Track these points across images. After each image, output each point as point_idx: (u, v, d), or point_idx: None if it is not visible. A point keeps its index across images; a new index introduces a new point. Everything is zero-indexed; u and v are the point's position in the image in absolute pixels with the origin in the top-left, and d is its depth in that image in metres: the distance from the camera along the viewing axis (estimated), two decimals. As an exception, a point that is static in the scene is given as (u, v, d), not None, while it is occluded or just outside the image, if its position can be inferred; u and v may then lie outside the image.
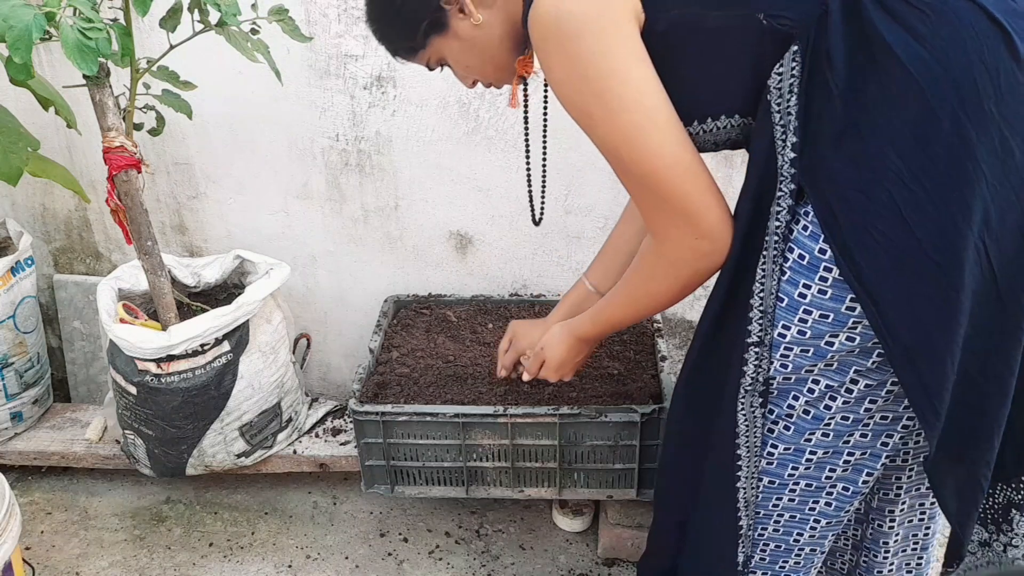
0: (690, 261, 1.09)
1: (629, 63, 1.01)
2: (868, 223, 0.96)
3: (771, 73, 1.00)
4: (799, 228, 1.02)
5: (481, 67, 1.20)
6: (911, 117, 0.93)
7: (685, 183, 1.03)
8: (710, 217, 1.05)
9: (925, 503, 1.28)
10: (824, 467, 1.14)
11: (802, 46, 0.97)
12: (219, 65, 1.75)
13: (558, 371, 1.47)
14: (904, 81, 0.92)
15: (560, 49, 1.01)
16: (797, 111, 0.99)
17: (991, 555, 1.24)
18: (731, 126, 1.07)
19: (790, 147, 1.00)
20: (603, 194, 1.98)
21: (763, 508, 1.20)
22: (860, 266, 0.97)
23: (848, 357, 1.04)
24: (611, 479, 1.73)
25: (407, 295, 2.12)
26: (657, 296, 1.17)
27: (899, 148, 0.93)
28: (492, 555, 1.90)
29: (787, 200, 1.01)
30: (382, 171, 2.02)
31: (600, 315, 1.32)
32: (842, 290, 1.00)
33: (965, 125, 0.91)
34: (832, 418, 1.09)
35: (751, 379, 1.10)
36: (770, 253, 1.04)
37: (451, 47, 1.16)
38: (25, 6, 1.21)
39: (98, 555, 1.91)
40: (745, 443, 1.15)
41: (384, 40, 1.21)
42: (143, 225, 1.64)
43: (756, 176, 1.05)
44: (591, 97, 1.02)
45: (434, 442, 1.70)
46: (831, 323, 1.02)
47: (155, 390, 1.75)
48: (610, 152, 1.07)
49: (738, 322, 1.10)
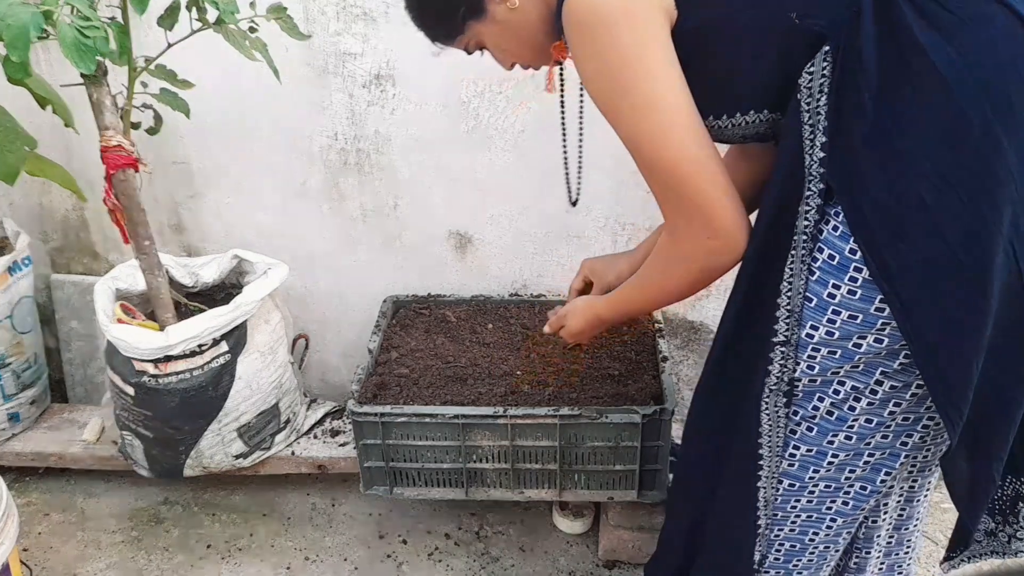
0: (701, 258, 1.10)
1: (657, 62, 1.02)
2: (898, 225, 0.96)
3: (802, 72, 1.01)
4: (829, 228, 1.02)
5: (519, 50, 1.22)
6: (941, 120, 0.93)
7: (702, 182, 1.05)
8: (724, 216, 1.06)
9: (904, 486, 1.29)
10: (845, 468, 1.14)
11: (834, 46, 0.98)
12: (217, 64, 1.74)
13: (574, 338, 1.49)
14: (935, 84, 0.93)
15: (591, 43, 1.03)
16: (827, 111, 0.99)
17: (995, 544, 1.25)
18: (759, 121, 1.09)
19: (819, 147, 1.00)
20: (603, 194, 1.97)
21: (781, 510, 1.20)
22: (889, 267, 0.97)
23: (875, 359, 1.04)
24: (612, 481, 1.72)
25: (406, 295, 2.11)
26: (668, 289, 1.19)
27: (929, 150, 0.94)
28: (492, 557, 1.90)
29: (816, 200, 1.02)
30: (381, 170, 2.01)
31: (618, 300, 1.34)
32: (872, 291, 1.00)
33: (995, 129, 0.91)
34: (856, 419, 1.09)
35: (776, 379, 1.11)
36: (798, 252, 1.05)
37: (489, 31, 1.18)
38: (23, 4, 1.21)
39: (96, 556, 1.90)
40: (768, 443, 1.16)
41: (422, 26, 1.22)
42: (141, 225, 1.64)
43: (782, 175, 1.06)
44: (618, 93, 1.04)
45: (433, 443, 1.69)
46: (860, 324, 1.02)
47: (153, 391, 1.74)
48: (632, 146, 1.08)
49: (763, 321, 1.10)
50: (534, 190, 1.99)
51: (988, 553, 1.26)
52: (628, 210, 1.99)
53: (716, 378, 1.24)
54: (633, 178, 1.94)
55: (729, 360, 1.20)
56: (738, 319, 1.16)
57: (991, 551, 1.26)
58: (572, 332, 1.47)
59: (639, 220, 2.00)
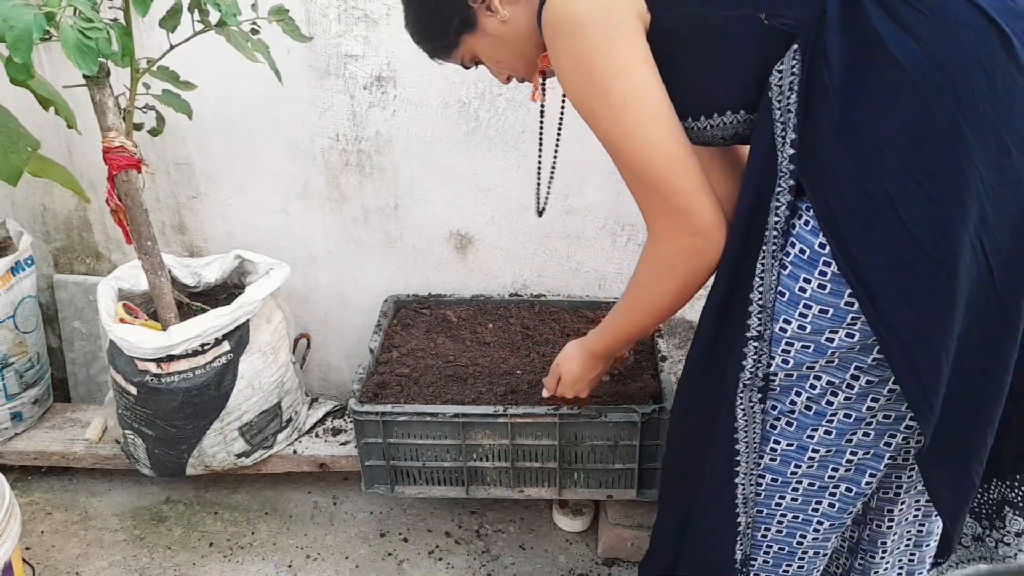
0: (684, 259, 1.10)
1: (631, 63, 1.03)
2: (865, 219, 0.97)
3: (772, 71, 1.01)
4: (800, 223, 1.03)
5: (510, 62, 1.23)
6: (907, 115, 0.94)
7: (678, 180, 1.05)
8: (703, 214, 1.07)
9: (921, 500, 1.28)
10: (827, 466, 1.14)
11: (802, 45, 0.98)
12: (219, 65, 1.75)
13: (573, 387, 1.49)
14: (900, 79, 0.93)
15: (567, 47, 1.05)
16: (796, 108, 1.00)
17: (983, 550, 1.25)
18: (737, 121, 1.09)
19: (789, 144, 1.01)
20: (603, 195, 1.98)
21: (765, 507, 1.20)
22: (857, 261, 0.98)
23: (849, 354, 1.05)
24: (611, 479, 1.73)
25: (407, 295, 2.12)
26: (657, 300, 1.18)
27: (895, 145, 0.94)
28: (492, 555, 1.90)
29: (787, 196, 1.02)
30: (382, 171, 2.02)
31: (607, 328, 1.33)
32: (841, 285, 1.01)
33: (960, 123, 0.92)
34: (834, 415, 1.09)
35: (750, 373, 1.11)
36: (769, 248, 1.05)
37: (482, 44, 1.20)
38: (25, 6, 1.21)
39: (98, 555, 1.91)
40: (744, 438, 1.16)
41: (421, 42, 1.24)
42: (143, 225, 1.64)
43: (756, 172, 1.06)
44: (594, 94, 1.05)
45: (434, 442, 1.70)
46: (830, 318, 1.03)
47: (155, 390, 1.75)
48: (611, 147, 1.09)
49: (738, 317, 1.11)
50: (534, 191, 2.00)
51: (976, 558, 1.26)
52: (627, 211, 2.00)
53: (695, 375, 1.23)
54: (632, 178, 1.95)
55: (708, 358, 1.20)
56: (715, 316, 1.16)
57: (979, 556, 1.26)
58: (570, 383, 1.47)
59: (638, 221, 2.00)
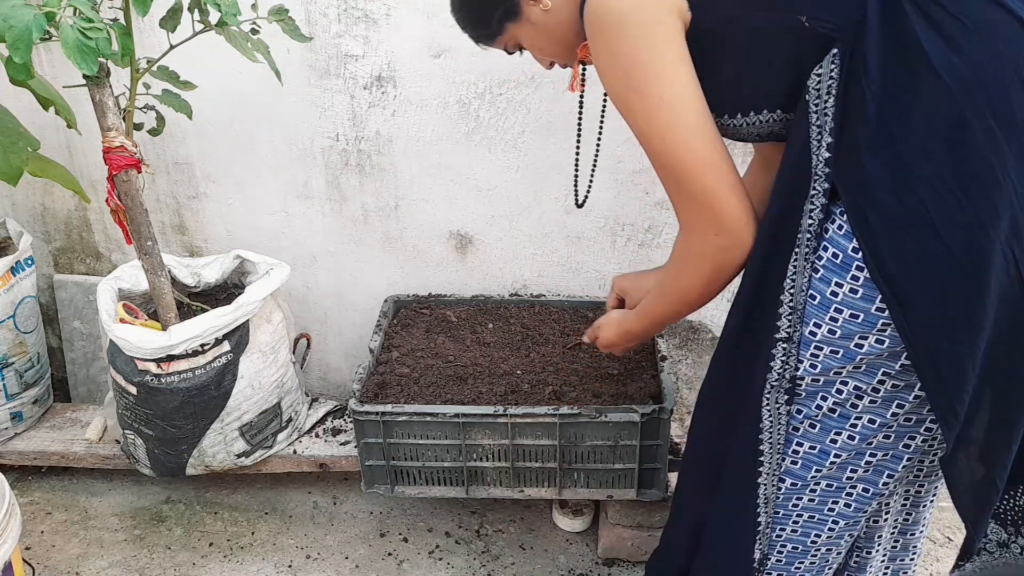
0: (711, 256, 1.12)
1: (669, 62, 1.05)
2: (898, 226, 0.97)
3: (811, 74, 1.02)
4: (834, 227, 1.03)
5: (553, 49, 1.26)
6: (943, 124, 0.94)
7: (709, 179, 1.07)
8: (732, 213, 1.08)
9: (911, 490, 1.29)
10: (846, 468, 1.15)
11: (842, 49, 0.99)
12: (219, 65, 1.75)
13: (608, 348, 1.53)
14: (938, 88, 0.94)
15: (606, 42, 1.06)
16: (834, 112, 1.00)
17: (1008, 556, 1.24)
18: (773, 120, 1.10)
19: (825, 147, 1.02)
20: (603, 195, 1.98)
21: (783, 508, 1.21)
22: (889, 267, 0.98)
23: (877, 360, 1.05)
24: (611, 479, 1.73)
25: (407, 295, 2.12)
26: (685, 291, 1.20)
27: (930, 154, 0.95)
28: (492, 555, 1.90)
29: (821, 199, 1.03)
30: (382, 171, 2.02)
31: (643, 311, 1.36)
32: (872, 290, 1.01)
33: (996, 134, 0.92)
34: (859, 419, 1.10)
35: (778, 375, 1.12)
36: (802, 250, 1.06)
37: (525, 32, 1.22)
38: (25, 6, 1.21)
39: (98, 555, 1.91)
40: (768, 439, 1.17)
41: (465, 28, 1.28)
42: (143, 225, 1.64)
43: (789, 174, 1.07)
44: (631, 91, 1.07)
45: (434, 442, 1.70)
46: (861, 323, 1.03)
47: (155, 390, 1.75)
48: (644, 142, 1.11)
49: (766, 319, 1.12)
50: (534, 191, 2.00)
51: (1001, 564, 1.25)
52: (627, 211, 2.00)
53: (721, 375, 1.25)
54: (632, 179, 1.95)
55: (734, 357, 1.21)
56: (743, 316, 1.17)
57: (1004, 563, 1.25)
58: (605, 343, 1.51)
59: (638, 221, 2.01)
